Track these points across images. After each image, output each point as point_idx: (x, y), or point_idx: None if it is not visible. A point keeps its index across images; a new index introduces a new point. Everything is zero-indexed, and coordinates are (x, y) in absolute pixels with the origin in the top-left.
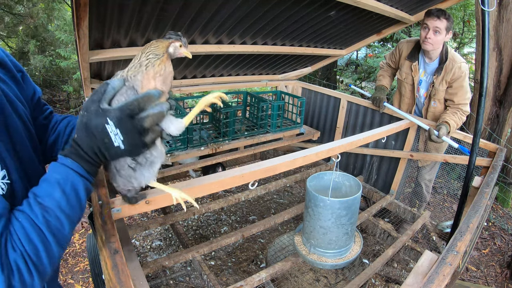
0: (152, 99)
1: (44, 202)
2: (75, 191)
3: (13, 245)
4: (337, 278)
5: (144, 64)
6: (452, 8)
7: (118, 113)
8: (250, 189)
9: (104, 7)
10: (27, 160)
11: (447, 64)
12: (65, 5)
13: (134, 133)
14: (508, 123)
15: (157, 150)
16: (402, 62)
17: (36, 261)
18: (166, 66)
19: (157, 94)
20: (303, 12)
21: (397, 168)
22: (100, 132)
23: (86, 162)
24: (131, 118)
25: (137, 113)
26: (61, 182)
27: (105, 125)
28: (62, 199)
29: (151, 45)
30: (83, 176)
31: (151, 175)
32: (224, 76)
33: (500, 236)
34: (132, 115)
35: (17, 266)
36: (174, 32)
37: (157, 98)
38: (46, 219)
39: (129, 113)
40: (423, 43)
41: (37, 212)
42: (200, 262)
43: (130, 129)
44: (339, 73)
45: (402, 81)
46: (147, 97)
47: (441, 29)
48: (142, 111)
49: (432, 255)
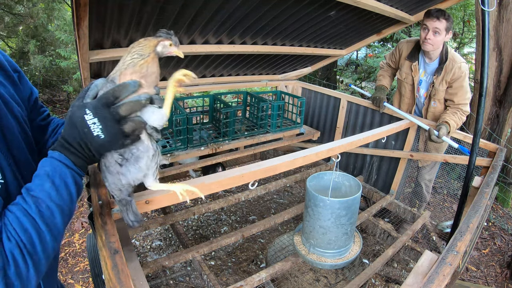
0: (127, 88)
1: (35, 193)
2: (64, 182)
3: (8, 236)
4: (337, 278)
5: (126, 64)
6: (452, 8)
7: (95, 102)
8: (250, 189)
9: (104, 7)
10: (23, 161)
11: (447, 64)
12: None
13: (112, 121)
14: (508, 123)
15: (143, 144)
16: (402, 62)
17: (31, 250)
18: (149, 66)
19: (132, 84)
20: (303, 12)
21: (397, 168)
22: (80, 122)
23: (72, 154)
24: (107, 107)
25: (113, 102)
26: (50, 173)
27: (83, 116)
28: (52, 189)
29: (138, 44)
30: (70, 168)
31: (137, 171)
32: (224, 76)
33: (500, 236)
34: (108, 103)
35: (12, 256)
36: (166, 31)
37: (133, 88)
38: (39, 209)
39: (105, 102)
40: (423, 44)
41: (30, 203)
42: (200, 262)
43: (107, 117)
44: (339, 73)
45: (402, 81)
46: (122, 86)
47: (441, 29)
48: (117, 99)
49: (432, 255)
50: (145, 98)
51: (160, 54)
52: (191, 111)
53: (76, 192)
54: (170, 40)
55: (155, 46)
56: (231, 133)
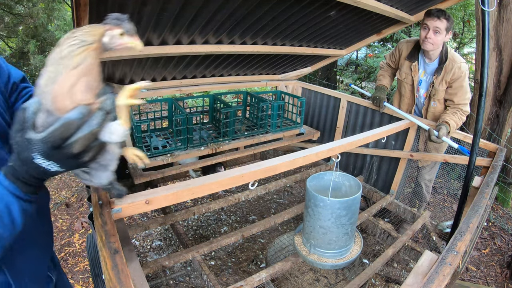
0: (72, 126)
1: None
2: (8, 210)
3: None
4: (337, 278)
5: (62, 62)
6: (452, 8)
7: (42, 146)
8: (250, 189)
9: (104, 7)
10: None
11: (447, 64)
12: (65, 5)
13: (68, 159)
14: (508, 123)
15: (109, 153)
16: (402, 62)
17: None
18: (91, 57)
19: (77, 117)
20: (303, 12)
21: (397, 168)
22: (31, 163)
23: (24, 184)
24: (58, 148)
25: (62, 142)
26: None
27: (33, 160)
28: None
29: (81, 29)
30: (19, 197)
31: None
32: (224, 76)
33: (500, 236)
34: (57, 146)
35: None
36: (116, 15)
37: (80, 121)
38: None
39: (53, 145)
40: (423, 43)
41: None
42: (200, 262)
43: (61, 158)
44: (339, 73)
45: (402, 81)
46: (66, 126)
47: (441, 29)
48: (67, 139)
49: (432, 255)
50: (97, 124)
51: (107, 46)
52: (191, 111)
53: (20, 217)
54: (120, 28)
55: (101, 35)
56: (231, 133)
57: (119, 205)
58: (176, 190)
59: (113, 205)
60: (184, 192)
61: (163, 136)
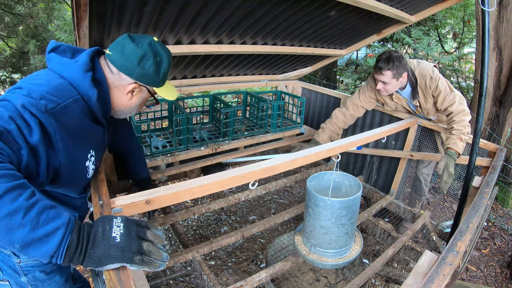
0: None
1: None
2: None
3: None
4: (337, 278)
5: None
6: (452, 8)
7: (126, 219)
8: (250, 189)
9: (104, 7)
10: None
11: (419, 84)
12: (65, 5)
13: (135, 232)
14: (508, 123)
15: None
16: (382, 98)
17: None
18: None
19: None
20: (303, 12)
21: (397, 168)
22: (106, 220)
23: (71, 245)
24: (137, 225)
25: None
26: None
27: (112, 219)
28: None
29: None
30: (49, 256)
31: None
32: (224, 76)
33: (500, 236)
34: (139, 224)
35: None
36: None
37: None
38: None
39: (137, 222)
40: (378, 92)
41: None
42: (200, 262)
43: (132, 228)
44: (339, 73)
45: (397, 111)
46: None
47: (387, 80)
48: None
49: (432, 255)
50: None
51: None
52: (191, 111)
53: None
54: None
55: None
56: (231, 133)
57: (119, 205)
58: (176, 190)
59: (114, 205)
60: (184, 192)
61: (163, 136)
